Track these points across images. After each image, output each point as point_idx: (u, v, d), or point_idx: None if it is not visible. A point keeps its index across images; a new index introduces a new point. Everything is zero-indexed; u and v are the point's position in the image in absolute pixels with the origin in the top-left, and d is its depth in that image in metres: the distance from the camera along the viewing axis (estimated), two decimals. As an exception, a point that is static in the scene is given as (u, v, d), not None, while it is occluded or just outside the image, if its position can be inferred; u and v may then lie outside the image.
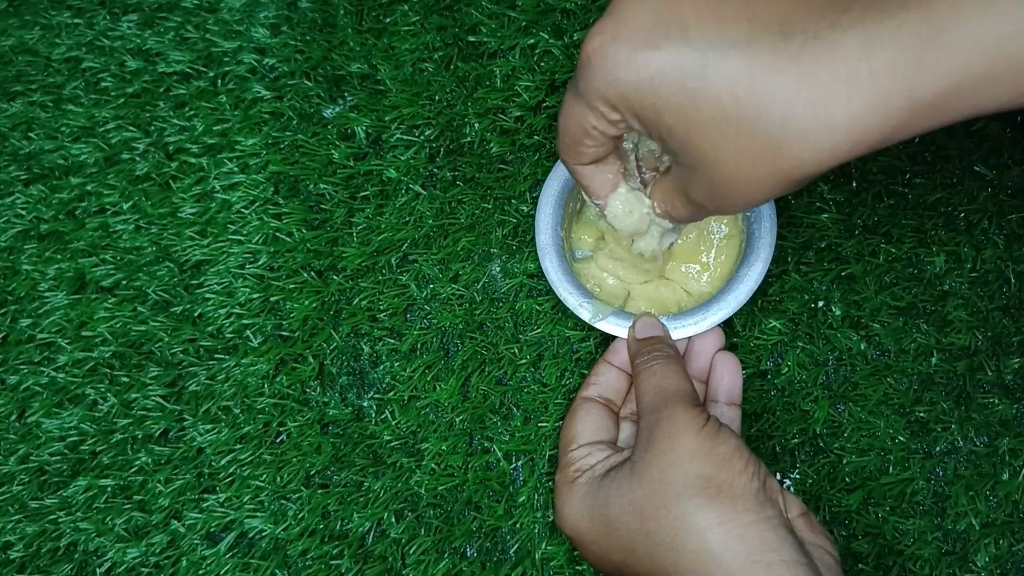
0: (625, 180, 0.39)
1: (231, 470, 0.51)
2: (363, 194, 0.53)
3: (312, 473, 0.50)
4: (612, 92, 0.31)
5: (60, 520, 0.51)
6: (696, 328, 0.45)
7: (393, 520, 0.49)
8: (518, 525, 0.49)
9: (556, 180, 0.47)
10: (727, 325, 0.49)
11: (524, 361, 0.50)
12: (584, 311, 0.45)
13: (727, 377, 0.45)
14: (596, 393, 0.45)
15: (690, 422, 0.37)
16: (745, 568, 0.34)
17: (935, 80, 0.26)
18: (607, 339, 0.50)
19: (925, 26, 0.25)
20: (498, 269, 0.52)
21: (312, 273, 0.53)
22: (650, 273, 0.47)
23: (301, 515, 0.50)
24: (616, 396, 0.45)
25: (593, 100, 0.32)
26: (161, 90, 0.57)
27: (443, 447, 0.50)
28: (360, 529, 0.49)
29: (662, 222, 0.39)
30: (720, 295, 0.45)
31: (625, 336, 0.45)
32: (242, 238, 0.54)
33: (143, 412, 0.52)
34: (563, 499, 0.41)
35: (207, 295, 0.53)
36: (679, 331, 0.45)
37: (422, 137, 0.54)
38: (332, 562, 0.49)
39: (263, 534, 0.50)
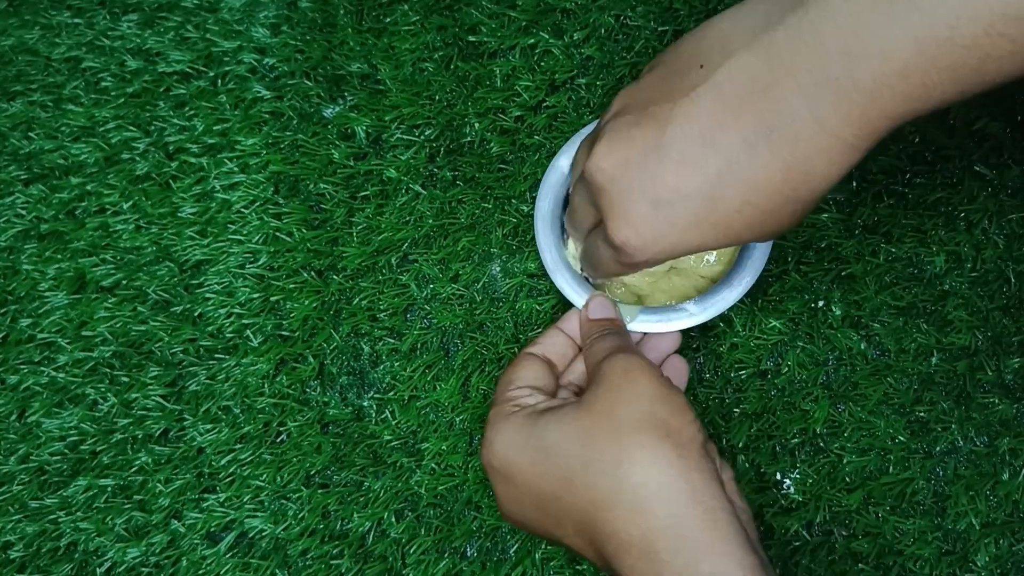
0: None
1: (231, 470, 0.51)
2: (363, 194, 0.53)
3: (312, 473, 0.50)
4: (652, 260, 0.37)
5: (60, 520, 0.51)
6: (690, 321, 0.45)
7: (393, 520, 0.49)
8: (518, 525, 0.49)
9: (545, 199, 0.48)
10: (727, 324, 0.49)
11: (524, 361, 0.50)
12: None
13: (675, 375, 0.45)
14: (541, 351, 0.45)
15: (647, 367, 0.38)
16: (687, 507, 0.34)
17: (887, 120, 0.30)
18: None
19: (859, 95, 0.29)
20: (498, 269, 0.52)
21: (312, 273, 0.53)
22: (655, 272, 0.47)
23: (301, 515, 0.50)
24: (560, 361, 0.45)
25: (635, 266, 0.38)
26: (161, 90, 0.57)
27: (443, 447, 0.50)
28: (360, 529, 0.49)
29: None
30: (718, 287, 0.45)
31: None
32: (242, 238, 0.54)
33: (143, 412, 0.52)
34: (496, 429, 0.40)
35: (207, 295, 0.53)
36: (675, 323, 0.45)
37: (422, 137, 0.54)
38: (332, 562, 0.49)
39: (263, 534, 0.50)
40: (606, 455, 0.36)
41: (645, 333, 0.46)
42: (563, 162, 0.48)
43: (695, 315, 0.45)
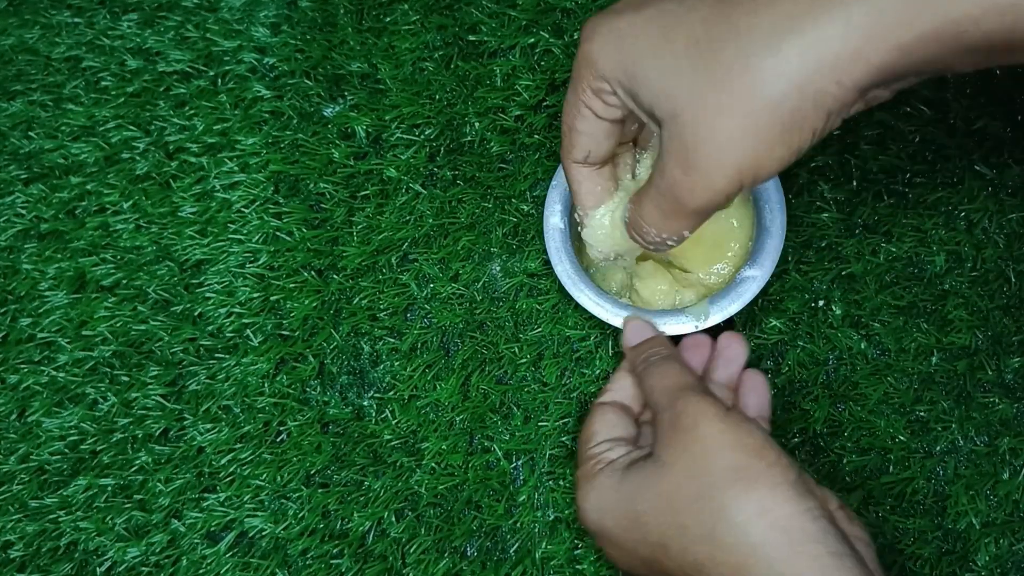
0: (615, 193, 0.41)
1: (231, 469, 0.51)
2: (363, 193, 0.53)
3: (312, 472, 0.50)
4: (598, 61, 0.33)
5: (60, 519, 0.51)
6: (698, 325, 0.45)
7: (393, 519, 0.49)
8: (518, 524, 0.49)
9: (553, 215, 0.48)
10: (727, 323, 0.49)
11: (524, 360, 0.50)
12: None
13: (757, 389, 0.43)
14: (611, 399, 0.43)
15: (708, 409, 0.36)
16: (789, 559, 0.32)
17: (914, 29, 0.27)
18: (606, 339, 0.50)
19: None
20: (498, 268, 0.52)
21: (312, 272, 0.53)
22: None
23: (301, 514, 0.50)
24: (633, 403, 0.43)
25: (582, 78, 0.34)
26: (161, 89, 0.57)
27: (443, 446, 0.50)
28: (360, 528, 0.49)
29: (629, 250, 0.41)
30: (726, 292, 0.45)
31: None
32: (242, 237, 0.54)
33: (143, 411, 0.52)
34: (584, 494, 0.39)
35: (207, 294, 0.53)
36: (675, 327, 0.45)
37: (422, 136, 0.54)
38: (332, 561, 0.49)
39: (263, 533, 0.50)
40: (698, 520, 0.34)
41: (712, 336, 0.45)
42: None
43: (717, 313, 0.45)
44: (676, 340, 0.47)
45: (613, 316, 0.46)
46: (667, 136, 0.32)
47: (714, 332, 0.45)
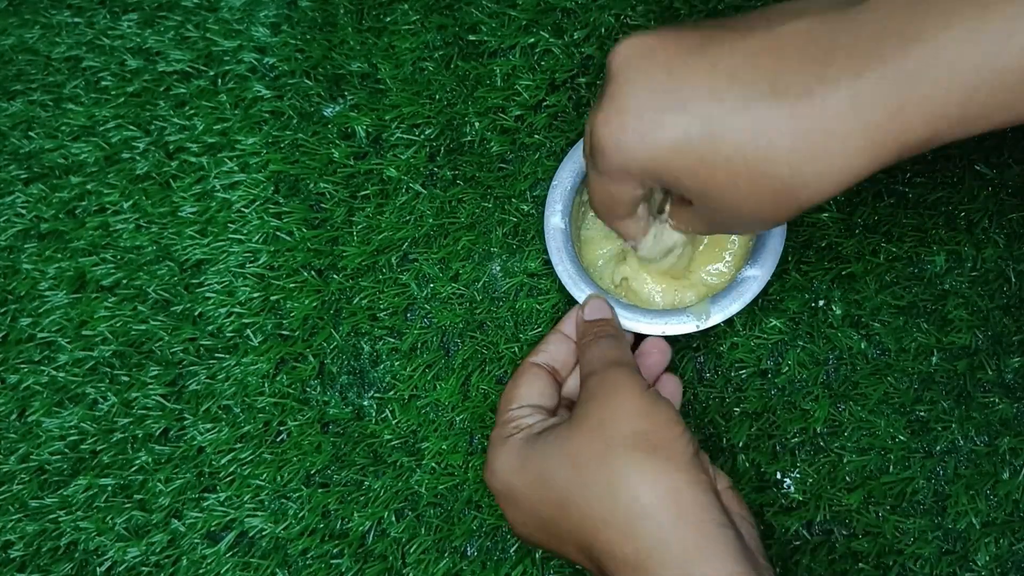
0: (651, 216, 0.41)
1: (231, 469, 0.51)
2: (363, 193, 0.53)
3: (312, 472, 0.50)
4: (631, 168, 0.34)
5: (60, 519, 0.51)
6: (699, 325, 0.45)
7: (393, 519, 0.49)
8: (518, 524, 0.49)
9: (555, 214, 0.48)
10: (727, 324, 0.49)
11: (524, 360, 0.50)
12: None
13: (667, 393, 0.45)
14: (543, 360, 0.45)
15: (633, 382, 0.38)
16: (676, 524, 0.34)
17: (919, 123, 0.29)
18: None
19: (902, 76, 0.28)
20: (498, 268, 0.52)
21: (312, 272, 0.53)
22: (667, 274, 0.47)
23: (301, 514, 0.50)
24: (563, 367, 0.45)
25: (616, 177, 0.35)
26: (161, 89, 0.57)
27: (443, 446, 0.50)
28: (360, 528, 0.49)
29: (681, 239, 0.42)
30: (727, 292, 0.45)
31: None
32: (242, 237, 0.54)
33: (143, 411, 0.52)
34: (496, 453, 0.40)
35: (207, 294, 0.53)
36: (676, 327, 0.45)
37: (422, 136, 0.54)
38: (332, 561, 0.49)
39: (263, 533, 0.50)
40: (596, 476, 0.36)
41: (636, 333, 0.46)
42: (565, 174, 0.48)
43: (709, 317, 0.45)
44: (675, 340, 0.47)
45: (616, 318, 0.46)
46: (708, 209, 0.35)
47: (706, 333, 0.45)
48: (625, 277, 0.48)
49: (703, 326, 0.45)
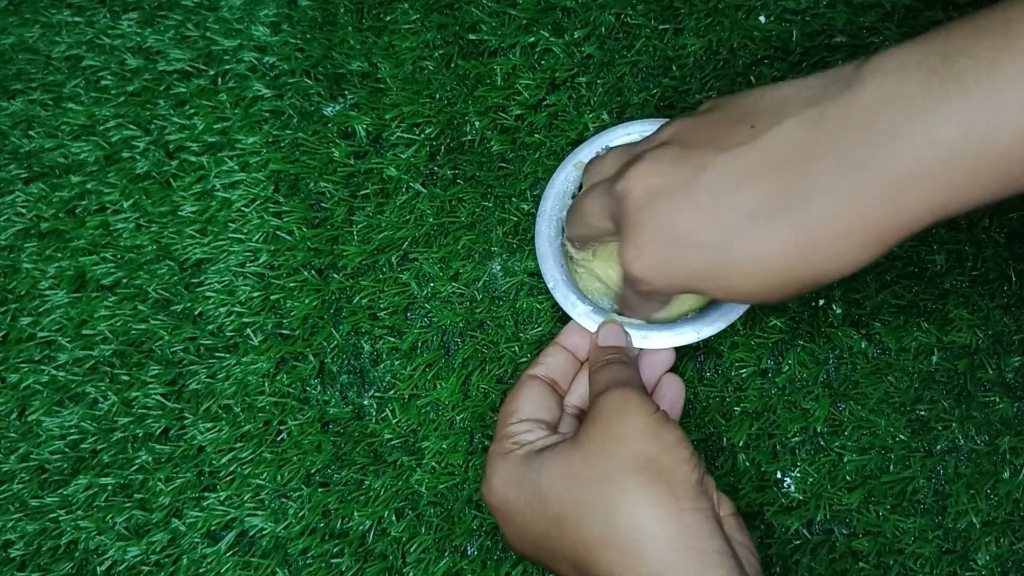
0: None
1: (231, 468, 0.51)
2: (363, 192, 0.53)
3: (312, 471, 0.50)
4: (661, 290, 0.37)
5: (60, 518, 0.51)
6: (672, 340, 0.45)
7: (394, 518, 0.49)
8: (519, 523, 0.49)
9: (545, 224, 0.48)
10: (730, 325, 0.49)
11: (525, 359, 0.50)
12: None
13: (670, 394, 0.45)
14: (543, 372, 0.44)
15: (642, 404, 0.38)
16: (677, 551, 0.34)
17: (921, 212, 0.30)
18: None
19: (894, 178, 0.29)
20: (498, 267, 0.52)
21: (312, 271, 0.53)
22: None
23: (302, 513, 0.50)
24: (563, 379, 0.45)
25: (648, 294, 0.40)
26: (161, 88, 0.57)
27: (444, 445, 0.50)
28: (361, 527, 0.49)
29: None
30: (705, 314, 0.45)
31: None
32: (242, 236, 0.54)
33: (143, 410, 0.52)
34: (494, 468, 0.40)
35: (207, 293, 0.53)
36: (658, 340, 0.45)
37: (423, 135, 0.54)
38: (333, 560, 0.49)
39: (264, 532, 0.50)
40: (597, 496, 0.35)
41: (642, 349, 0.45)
42: (560, 179, 0.48)
43: (702, 329, 0.45)
44: (679, 351, 0.47)
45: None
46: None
47: (707, 341, 0.45)
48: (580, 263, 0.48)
49: (703, 336, 0.44)
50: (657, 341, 0.45)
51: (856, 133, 0.30)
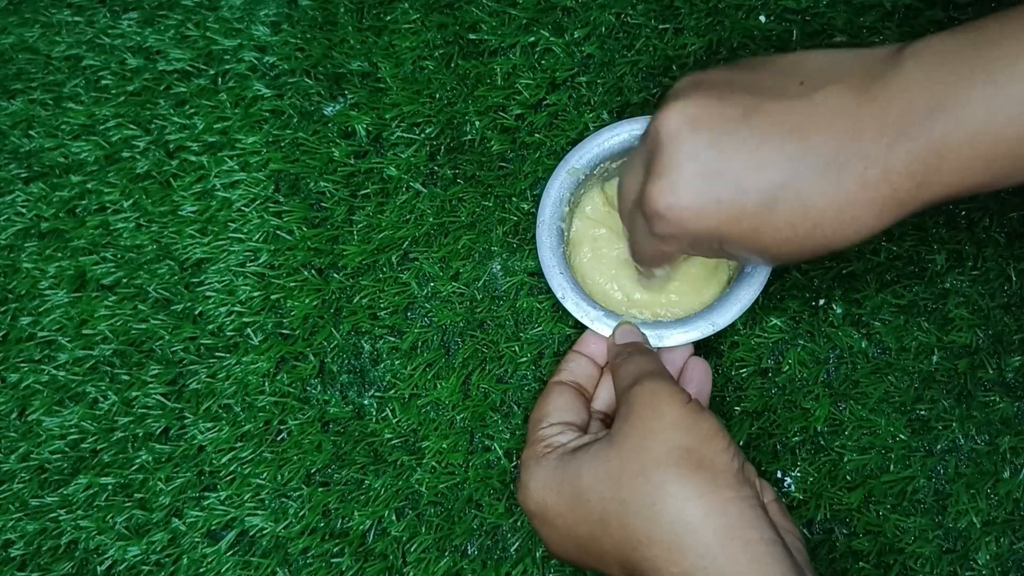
0: None
1: (232, 468, 0.51)
2: (364, 192, 0.53)
3: (313, 471, 0.50)
4: (685, 235, 0.36)
5: (61, 518, 0.51)
6: (687, 336, 0.45)
7: (394, 518, 0.49)
8: (519, 523, 0.49)
9: (544, 229, 0.48)
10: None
11: (525, 359, 0.50)
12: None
13: (697, 378, 0.45)
14: (568, 378, 0.44)
15: (673, 395, 0.37)
16: (723, 542, 0.33)
17: (942, 188, 0.31)
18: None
19: (929, 150, 0.31)
20: (499, 267, 0.52)
21: (313, 271, 0.53)
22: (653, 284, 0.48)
23: (302, 513, 0.50)
24: (588, 383, 0.45)
25: (668, 240, 0.37)
26: (161, 88, 0.57)
27: (444, 445, 0.50)
28: (361, 527, 0.49)
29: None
30: (715, 307, 0.45)
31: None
32: (243, 236, 0.54)
33: (144, 410, 0.52)
34: (530, 472, 0.39)
35: (208, 293, 0.53)
36: (673, 338, 0.45)
37: (423, 135, 0.54)
38: (333, 560, 0.49)
39: (264, 532, 0.50)
40: (639, 494, 0.35)
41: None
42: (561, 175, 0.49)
43: (711, 326, 0.45)
44: (696, 345, 0.47)
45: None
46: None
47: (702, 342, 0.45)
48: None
49: (717, 327, 0.45)
50: (673, 339, 0.45)
51: (900, 106, 0.31)
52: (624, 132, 0.48)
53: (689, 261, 0.47)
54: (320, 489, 0.50)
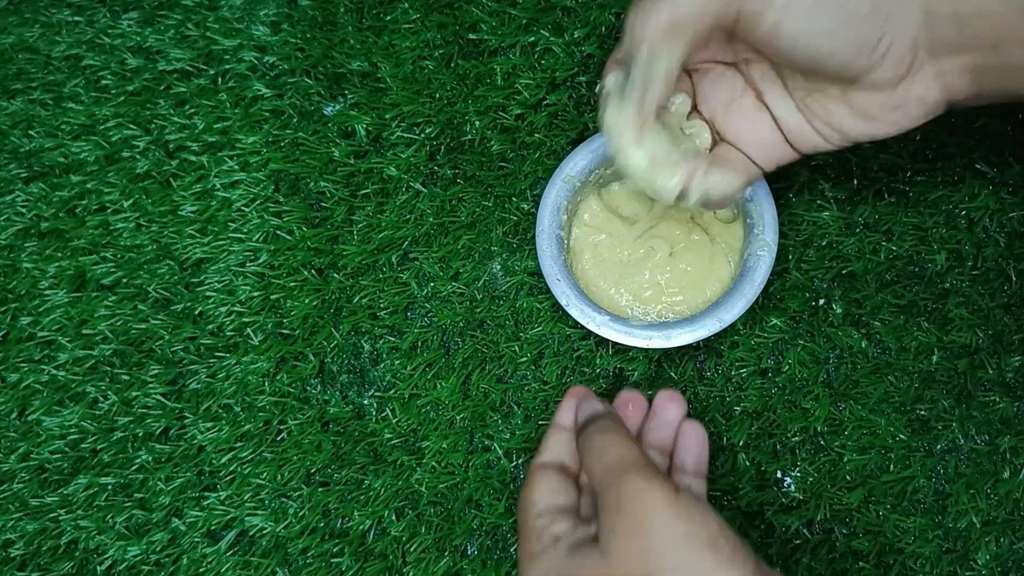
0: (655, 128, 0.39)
1: (232, 468, 0.51)
2: (364, 192, 0.53)
3: (313, 471, 0.50)
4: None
5: (61, 518, 0.51)
6: (695, 335, 0.45)
7: (394, 518, 0.49)
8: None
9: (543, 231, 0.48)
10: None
11: (525, 359, 0.50)
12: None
13: (694, 448, 0.42)
14: (549, 459, 0.41)
15: (656, 494, 0.34)
16: None
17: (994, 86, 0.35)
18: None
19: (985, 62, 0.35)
20: (499, 267, 0.52)
21: (313, 271, 0.53)
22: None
23: (302, 513, 0.50)
24: (571, 460, 0.42)
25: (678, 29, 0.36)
26: (161, 88, 0.57)
27: (444, 445, 0.50)
28: (361, 527, 0.49)
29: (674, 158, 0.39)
30: (719, 303, 0.45)
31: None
32: (242, 236, 0.54)
33: (144, 410, 0.52)
34: (531, 571, 0.37)
35: (208, 293, 0.53)
36: (681, 337, 0.45)
37: (423, 135, 0.54)
38: (333, 560, 0.49)
39: (264, 532, 0.50)
40: None
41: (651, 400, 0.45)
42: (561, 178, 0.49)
43: (724, 317, 0.45)
44: (679, 350, 0.47)
45: (629, 336, 0.46)
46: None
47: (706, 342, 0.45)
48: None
49: (726, 322, 0.45)
50: (680, 338, 0.45)
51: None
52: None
53: (688, 261, 0.48)
54: (320, 489, 0.50)
